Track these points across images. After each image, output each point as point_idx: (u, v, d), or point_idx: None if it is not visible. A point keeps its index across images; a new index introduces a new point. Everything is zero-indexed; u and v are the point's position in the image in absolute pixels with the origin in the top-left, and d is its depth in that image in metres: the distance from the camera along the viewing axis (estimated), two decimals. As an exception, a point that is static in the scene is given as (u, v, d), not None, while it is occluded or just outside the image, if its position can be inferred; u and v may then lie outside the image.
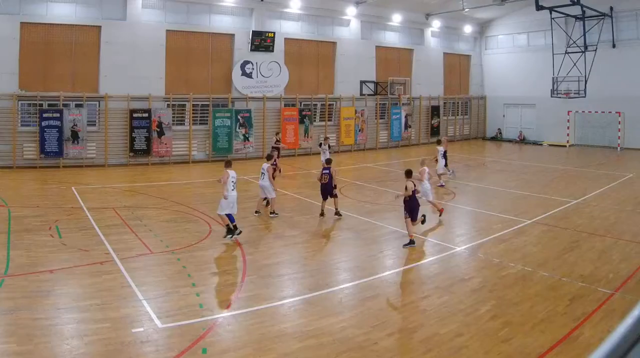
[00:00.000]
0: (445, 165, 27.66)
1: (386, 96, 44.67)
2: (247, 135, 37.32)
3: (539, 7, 38.52)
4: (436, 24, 48.41)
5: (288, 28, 40.21)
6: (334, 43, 42.54)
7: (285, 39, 39.71)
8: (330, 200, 20.08)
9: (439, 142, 28.51)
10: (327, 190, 19.96)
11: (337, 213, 20.08)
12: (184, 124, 35.77)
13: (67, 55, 32.27)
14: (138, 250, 15.52)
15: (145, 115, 33.65)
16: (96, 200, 22.47)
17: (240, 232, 16.84)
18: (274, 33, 38.51)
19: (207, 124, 36.34)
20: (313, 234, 18.36)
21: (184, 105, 35.71)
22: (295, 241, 17.19)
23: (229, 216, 16.83)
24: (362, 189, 26.57)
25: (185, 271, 13.82)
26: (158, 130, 34.03)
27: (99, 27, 32.81)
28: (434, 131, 48.57)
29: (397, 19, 45.12)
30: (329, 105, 42.07)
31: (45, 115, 30.98)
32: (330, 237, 18.09)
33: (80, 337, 9.93)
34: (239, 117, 37.02)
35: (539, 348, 9.78)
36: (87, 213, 19.97)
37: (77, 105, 32.15)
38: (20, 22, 30.58)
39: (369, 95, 44.25)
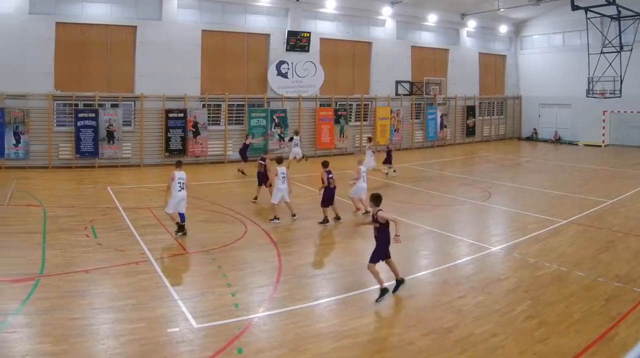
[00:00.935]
0: (389, 162, 28.34)
1: (422, 96, 42.23)
2: (282, 135, 35.47)
3: (575, 7, 35.68)
4: (472, 24, 45.80)
5: (323, 28, 38.01)
6: (370, 43, 40.19)
7: (320, 39, 37.55)
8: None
9: (369, 139, 30.20)
10: (333, 194, 18.87)
11: (338, 217, 18.89)
12: (219, 123, 33.88)
13: (102, 55, 30.55)
14: (173, 250, 15.03)
15: (181, 115, 31.87)
16: (131, 200, 21.45)
17: (185, 233, 16.36)
18: (310, 33, 36.48)
19: (242, 123, 34.45)
20: (348, 234, 17.46)
21: (219, 105, 33.84)
22: (331, 241, 16.62)
23: (181, 215, 16.47)
24: (398, 189, 25.04)
25: (221, 271, 13.29)
26: (193, 130, 32.24)
27: (135, 27, 31.08)
28: (470, 131, 46.12)
29: (432, 19, 42.71)
30: (365, 105, 39.81)
31: (80, 115, 29.34)
32: (365, 237, 16.34)
33: (115, 337, 9.60)
34: (274, 117, 35.11)
35: (575, 348, 9.48)
36: (122, 213, 19.07)
37: (112, 105, 30.42)
38: (56, 22, 28.94)
39: (404, 95, 41.89)
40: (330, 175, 18.51)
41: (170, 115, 31.63)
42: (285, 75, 36.03)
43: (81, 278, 12.46)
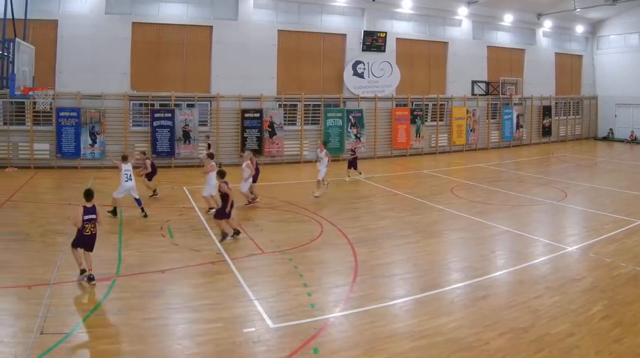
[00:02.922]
0: (353, 167, 24.10)
1: (498, 96, 36.75)
2: (358, 135, 31.11)
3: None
4: (547, 24, 39.70)
5: (399, 28, 33.08)
6: (446, 43, 34.98)
7: (396, 39, 32.65)
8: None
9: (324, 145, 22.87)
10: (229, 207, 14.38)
11: (237, 232, 14.57)
12: (295, 123, 29.73)
13: (178, 55, 26.90)
14: (249, 250, 13.55)
15: (257, 115, 27.91)
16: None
17: (146, 215, 16.25)
18: (386, 33, 31.69)
19: (318, 123, 30.19)
20: (424, 234, 15.45)
21: (295, 105, 29.66)
22: (407, 241, 14.68)
23: (137, 200, 16.33)
24: (474, 189, 22.31)
25: (297, 271, 12.08)
26: (270, 130, 28.22)
27: (211, 27, 27.30)
28: (546, 131, 40.02)
29: (508, 19, 37.02)
30: (441, 105, 34.81)
31: (156, 115, 25.76)
32: (442, 236, 15.41)
33: (191, 337, 8.84)
34: (350, 117, 30.61)
35: (654, 350, 8.19)
36: (198, 213, 17.14)
37: (188, 105, 26.68)
38: (132, 22, 25.49)
39: (480, 95, 36.49)
40: (228, 185, 14.16)
41: (247, 115, 27.73)
42: (361, 75, 31.47)
43: (157, 278, 11.42)
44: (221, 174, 14.24)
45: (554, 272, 12.34)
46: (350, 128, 30.78)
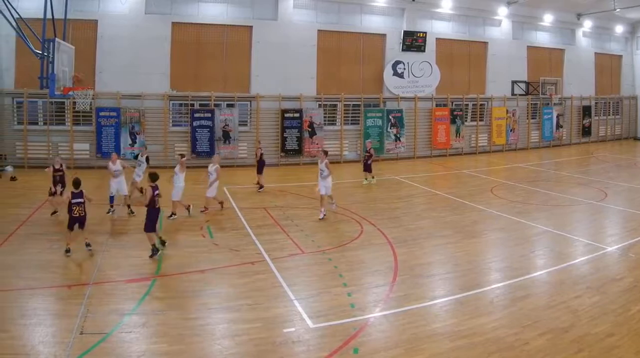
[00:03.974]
0: (368, 170, 21.31)
1: (537, 96, 33.72)
2: (398, 135, 28.84)
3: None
4: (587, 24, 36.35)
5: (439, 28, 30.43)
6: (485, 43, 32.10)
7: (436, 39, 30.03)
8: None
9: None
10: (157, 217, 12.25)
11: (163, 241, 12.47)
12: (335, 123, 27.40)
13: (218, 55, 24.81)
14: (289, 250, 12.59)
15: (297, 115, 25.73)
16: (247, 200, 17.89)
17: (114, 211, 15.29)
18: (425, 33, 29.11)
19: (358, 123, 27.81)
20: (464, 234, 14.30)
21: (335, 105, 27.33)
22: (447, 241, 13.62)
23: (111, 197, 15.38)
24: (514, 189, 20.66)
25: (337, 271, 11.18)
26: (309, 130, 25.99)
27: (250, 27, 25.18)
28: (586, 131, 36.74)
29: (548, 19, 33.95)
30: (480, 105, 32.11)
31: (196, 115, 23.76)
32: (482, 236, 14.32)
33: (231, 337, 8.13)
34: (390, 117, 28.18)
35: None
36: (238, 213, 16.02)
37: (228, 105, 24.62)
38: (172, 22, 23.53)
39: (520, 95, 33.53)
40: (156, 192, 11.95)
41: (286, 115, 25.58)
42: (401, 75, 28.98)
43: (197, 278, 10.69)
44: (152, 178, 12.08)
45: (594, 272, 11.55)
46: (390, 128, 28.43)
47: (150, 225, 11.79)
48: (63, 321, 8.49)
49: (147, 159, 17.42)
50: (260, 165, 19.83)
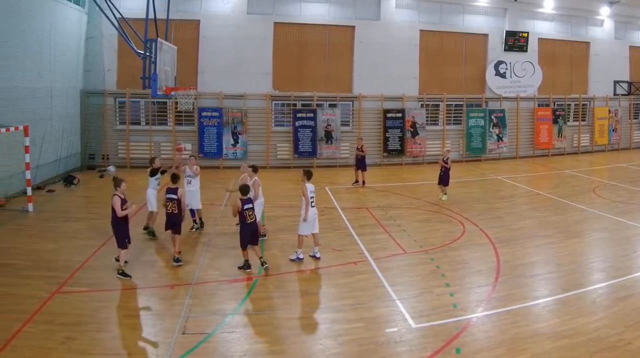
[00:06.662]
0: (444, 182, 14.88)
1: (641, 97, 27.57)
2: (500, 136, 23.23)
3: None
4: None
5: (541, 28, 24.22)
6: (588, 43, 25.52)
7: (538, 38, 23.93)
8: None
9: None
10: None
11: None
12: (437, 123, 21.97)
13: (320, 55, 20.10)
14: (392, 250, 9.95)
15: (399, 115, 20.53)
16: (350, 200, 14.74)
17: (195, 228, 11.10)
18: (528, 33, 23.12)
19: (460, 123, 22.32)
20: (567, 234, 11.22)
21: (437, 105, 21.84)
22: (549, 241, 10.71)
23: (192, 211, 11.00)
24: (616, 189, 16.82)
25: (439, 271, 8.80)
26: (412, 130, 20.80)
27: (353, 27, 20.27)
28: None
29: None
30: (583, 105, 25.92)
31: (298, 115, 19.10)
32: (584, 237, 11.19)
33: (333, 336, 6.59)
34: (492, 117, 22.35)
35: None
36: (340, 213, 13.11)
37: (330, 105, 19.79)
38: (274, 22, 19.08)
39: (622, 95, 26.95)
40: (246, 206, 8.73)
41: (389, 115, 20.39)
42: (503, 75, 23.20)
43: (299, 278, 8.63)
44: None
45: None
46: (493, 128, 22.74)
47: (242, 241, 8.76)
48: (165, 321, 6.97)
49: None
50: (362, 162, 16.26)
